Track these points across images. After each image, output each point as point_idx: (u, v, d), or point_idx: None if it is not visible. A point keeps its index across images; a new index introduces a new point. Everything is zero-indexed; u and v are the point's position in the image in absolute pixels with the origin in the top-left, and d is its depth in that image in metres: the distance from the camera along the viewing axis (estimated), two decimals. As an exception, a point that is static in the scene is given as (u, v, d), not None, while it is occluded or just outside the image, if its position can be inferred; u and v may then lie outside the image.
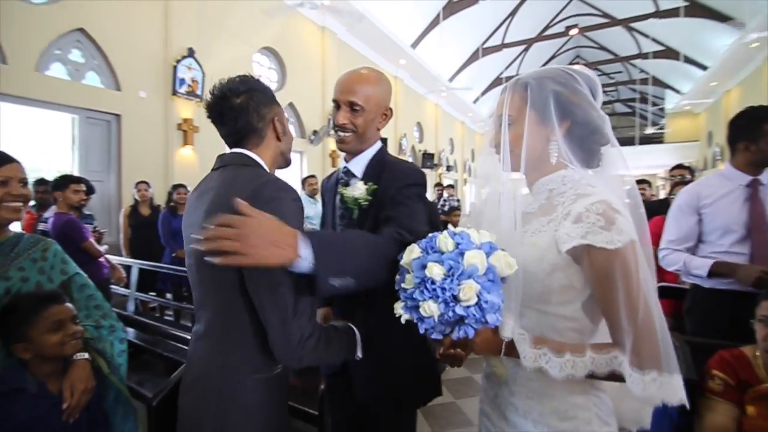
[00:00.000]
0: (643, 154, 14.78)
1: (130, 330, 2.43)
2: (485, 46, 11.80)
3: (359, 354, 0.98)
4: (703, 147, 13.86)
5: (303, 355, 0.82)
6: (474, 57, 11.86)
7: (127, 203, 4.17)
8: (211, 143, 5.69)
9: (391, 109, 1.20)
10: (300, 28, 7.37)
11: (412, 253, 0.77)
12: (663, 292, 2.25)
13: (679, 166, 3.80)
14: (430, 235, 0.78)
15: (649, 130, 14.53)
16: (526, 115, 0.83)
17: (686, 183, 3.06)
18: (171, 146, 5.17)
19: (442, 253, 0.73)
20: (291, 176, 4.19)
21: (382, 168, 1.13)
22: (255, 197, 0.79)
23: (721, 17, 8.74)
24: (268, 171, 0.99)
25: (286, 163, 1.08)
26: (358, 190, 1.11)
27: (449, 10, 9.72)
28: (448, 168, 13.78)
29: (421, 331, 0.75)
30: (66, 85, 4.17)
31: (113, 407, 1.24)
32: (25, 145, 4.22)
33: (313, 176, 5.12)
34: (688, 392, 1.34)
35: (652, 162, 14.42)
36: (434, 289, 0.70)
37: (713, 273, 1.63)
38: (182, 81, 5.19)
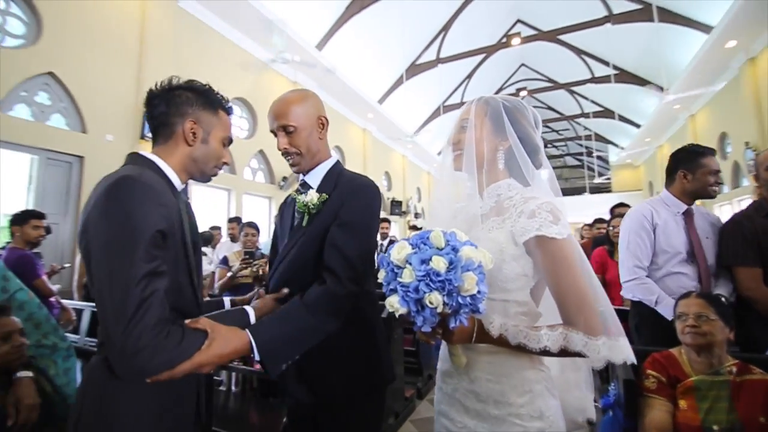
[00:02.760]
0: (594, 203, 15.95)
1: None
2: (446, 103, 12.80)
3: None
4: (646, 195, 15.19)
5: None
6: (436, 113, 12.79)
7: (83, 245, 3.98)
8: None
9: (325, 117, 1.23)
10: (272, 82, 7.76)
11: (404, 249, 0.80)
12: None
13: (620, 205, 3.97)
14: (419, 232, 0.84)
15: (597, 180, 15.91)
16: (485, 124, 1.00)
17: None
18: (135, 189, 5.09)
19: (440, 249, 0.78)
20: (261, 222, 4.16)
21: (336, 183, 1.19)
22: (106, 196, 0.78)
23: (643, 82, 10.11)
24: (173, 173, 0.95)
25: (201, 174, 1.01)
26: (309, 196, 1.16)
27: (412, 71, 10.63)
28: (416, 215, 14.22)
29: (418, 323, 0.78)
30: (27, 126, 4.11)
31: None
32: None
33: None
34: (629, 393, 1.46)
35: (603, 210, 15.54)
36: (440, 281, 0.74)
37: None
38: (152, 126, 5.26)
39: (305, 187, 1.23)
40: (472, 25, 10.67)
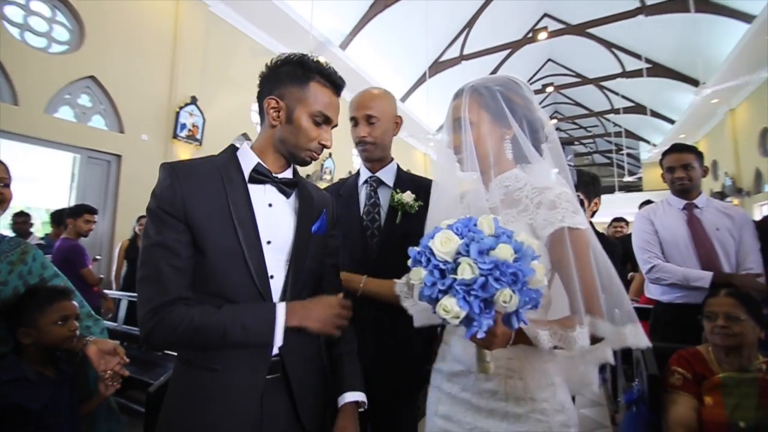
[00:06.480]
0: (623, 201, 15.38)
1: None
2: (469, 100, 12.65)
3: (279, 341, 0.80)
4: (680, 194, 14.51)
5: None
6: (459, 110, 12.67)
7: (121, 240, 4.23)
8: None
9: (401, 117, 1.34)
10: (297, 81, 7.93)
11: (451, 240, 0.66)
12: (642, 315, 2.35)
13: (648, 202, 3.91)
14: (455, 221, 0.70)
15: (627, 179, 15.27)
16: (483, 117, 0.94)
17: None
18: (167, 186, 5.34)
19: (497, 237, 0.66)
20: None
21: (417, 186, 1.28)
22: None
23: (678, 75, 9.67)
24: (252, 156, 0.87)
25: (291, 157, 0.89)
26: (407, 197, 1.25)
27: (435, 69, 10.58)
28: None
29: (479, 328, 0.63)
30: (71, 127, 4.38)
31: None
32: (25, 182, 4.35)
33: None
34: (654, 388, 1.45)
35: (632, 209, 14.92)
36: (512, 273, 0.61)
37: (715, 283, 1.69)
38: (183, 126, 5.48)
39: (378, 182, 1.32)
40: (497, 21, 10.50)
